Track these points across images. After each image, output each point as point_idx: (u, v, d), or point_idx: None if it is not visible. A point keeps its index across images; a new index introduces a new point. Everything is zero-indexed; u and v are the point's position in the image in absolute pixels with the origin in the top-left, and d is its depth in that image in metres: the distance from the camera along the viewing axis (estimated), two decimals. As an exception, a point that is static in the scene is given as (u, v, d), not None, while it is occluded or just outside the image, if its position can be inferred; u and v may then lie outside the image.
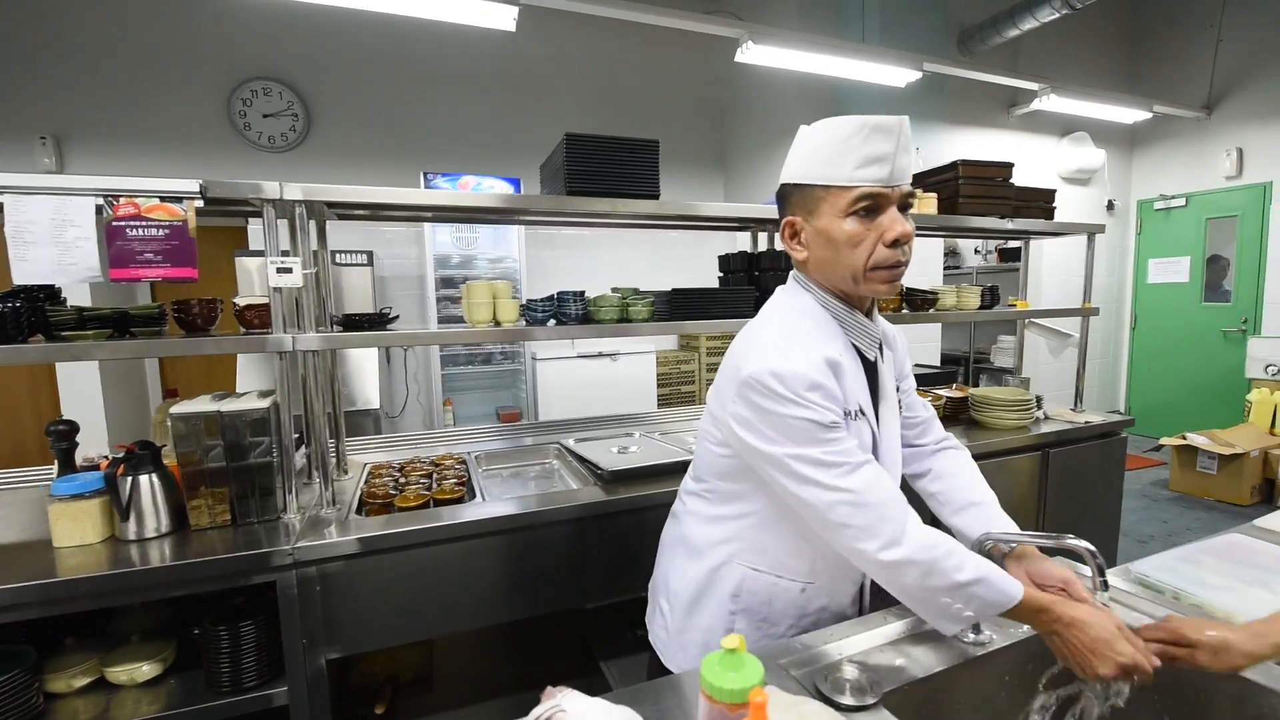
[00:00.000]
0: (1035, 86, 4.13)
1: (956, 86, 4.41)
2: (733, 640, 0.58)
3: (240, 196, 1.42)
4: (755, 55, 3.13)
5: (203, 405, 1.50)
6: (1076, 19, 4.89)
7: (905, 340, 1.22)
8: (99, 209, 1.31)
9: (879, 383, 1.04)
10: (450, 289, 4.26)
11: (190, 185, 1.36)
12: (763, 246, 2.20)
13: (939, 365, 4.25)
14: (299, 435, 1.67)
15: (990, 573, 0.87)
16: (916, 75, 3.55)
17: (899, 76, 3.57)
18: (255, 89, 4.21)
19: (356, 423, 3.67)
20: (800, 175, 0.96)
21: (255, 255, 3.31)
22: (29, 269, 1.26)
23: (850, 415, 0.95)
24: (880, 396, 1.04)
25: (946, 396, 2.47)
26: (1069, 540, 0.87)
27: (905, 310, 2.27)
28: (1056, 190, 2.50)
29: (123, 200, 1.32)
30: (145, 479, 1.46)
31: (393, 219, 2.01)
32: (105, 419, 3.77)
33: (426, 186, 3.85)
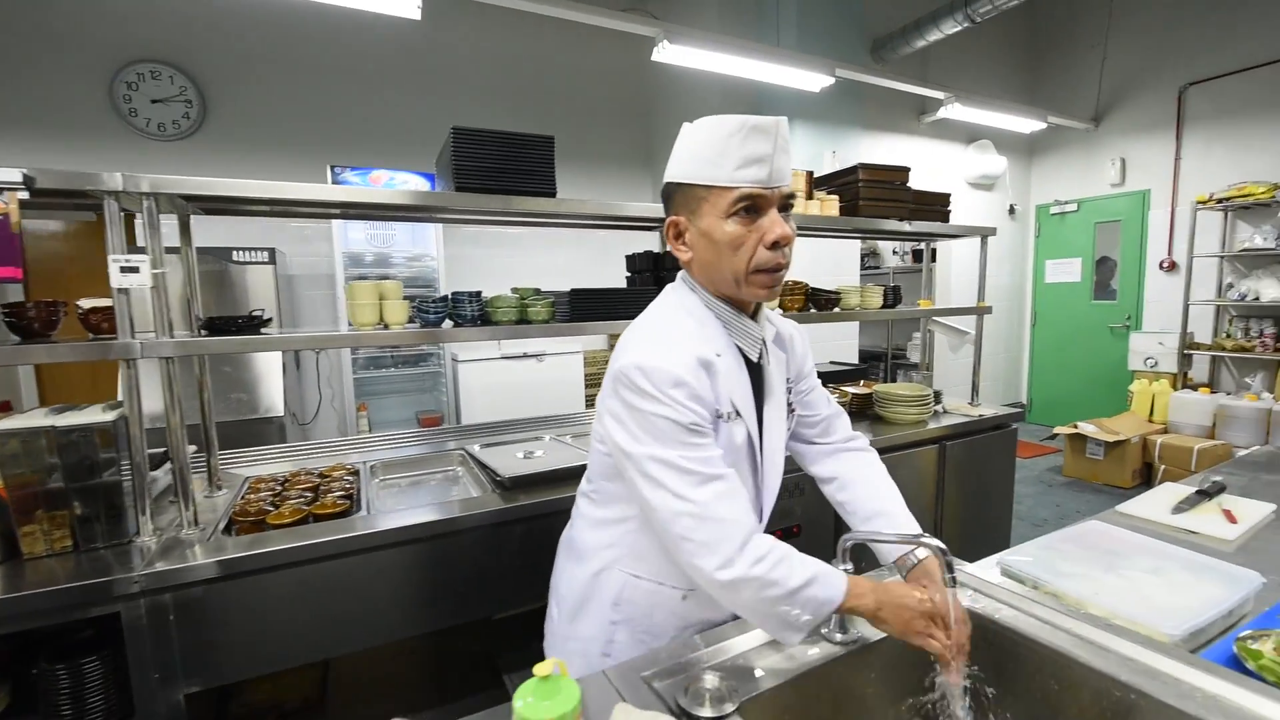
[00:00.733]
0: (941, 95, 4.33)
1: (871, 93, 4.57)
2: (546, 666, 0.54)
3: (76, 188, 1.28)
4: (671, 55, 3.13)
5: (35, 420, 1.34)
6: (980, 34, 5.18)
7: (806, 339, 1.22)
8: (-106, 199, 1.14)
9: (764, 384, 1.04)
10: (364, 289, 4.06)
11: (11, 174, 1.21)
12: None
13: (857, 363, 4.39)
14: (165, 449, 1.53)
15: (819, 571, 0.88)
16: (830, 81, 3.65)
17: (813, 81, 3.66)
18: (142, 72, 3.88)
19: (259, 431, 3.44)
20: (682, 175, 0.94)
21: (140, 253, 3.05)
22: None
23: (723, 416, 0.94)
24: (765, 398, 1.04)
25: (853, 393, 2.54)
26: (924, 538, 0.89)
27: (811, 310, 2.31)
28: (952, 194, 2.61)
29: (-76, 189, 1.16)
30: None
31: (297, 215, 1.87)
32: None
33: (334, 181, 3.64)
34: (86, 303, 1.43)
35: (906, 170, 2.42)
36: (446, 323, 1.72)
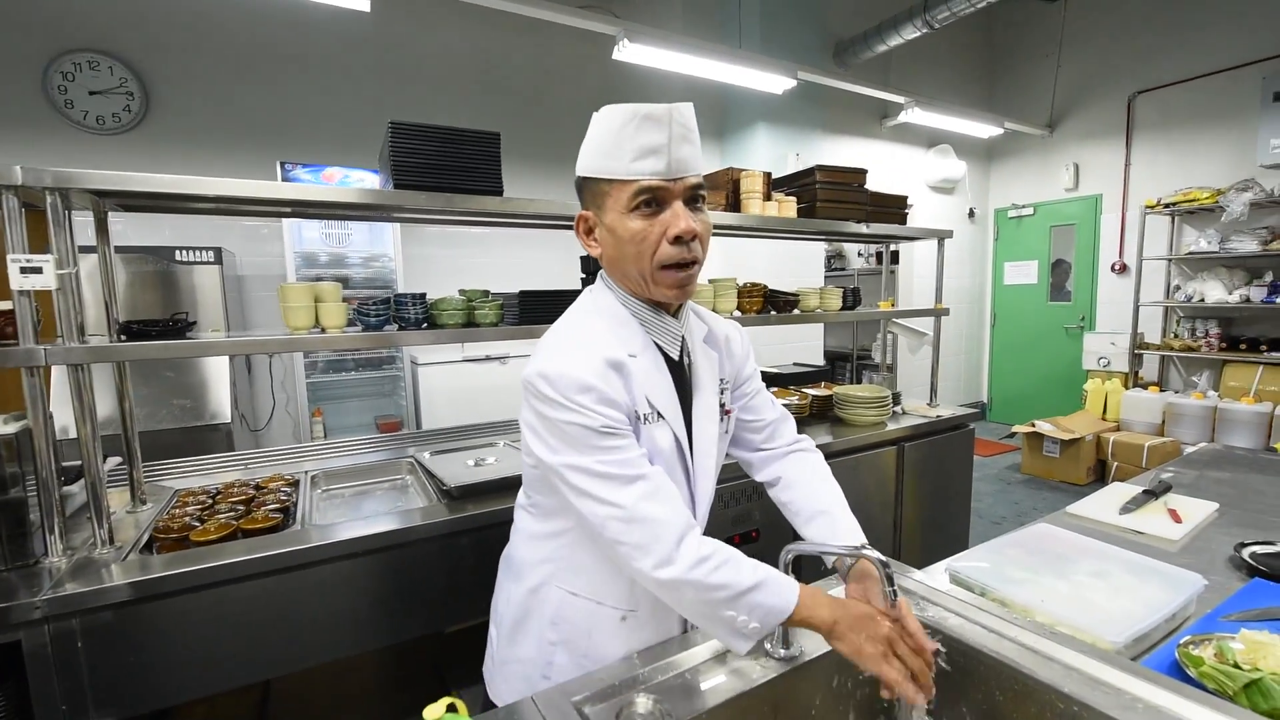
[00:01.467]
0: (902, 100, 4.38)
1: (834, 96, 4.60)
2: (438, 709, 0.49)
3: (-31, 180, 1.17)
4: (632, 54, 3.09)
5: (-76, 433, 1.24)
6: (940, 40, 5.27)
7: (747, 342, 1.19)
8: None
9: (690, 383, 1.00)
10: (318, 290, 3.93)
11: (-111, 164, 1.10)
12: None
13: (821, 364, 4.41)
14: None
15: (769, 577, 0.84)
16: (792, 83, 3.65)
17: (776, 83, 3.66)
18: (79, 62, 3.68)
19: (204, 440, 3.30)
20: (585, 168, 0.92)
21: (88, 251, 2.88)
22: None
23: (641, 418, 0.91)
24: (693, 398, 1.00)
25: (814, 395, 2.53)
26: (865, 551, 0.86)
27: (771, 312, 2.30)
28: (908, 197, 2.63)
29: None
30: None
31: (241, 213, 1.78)
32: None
33: (284, 178, 3.51)
34: (-16, 306, 1.32)
35: (863, 172, 2.42)
36: (390, 326, 1.65)
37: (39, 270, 1.21)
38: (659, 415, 0.93)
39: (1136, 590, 1.06)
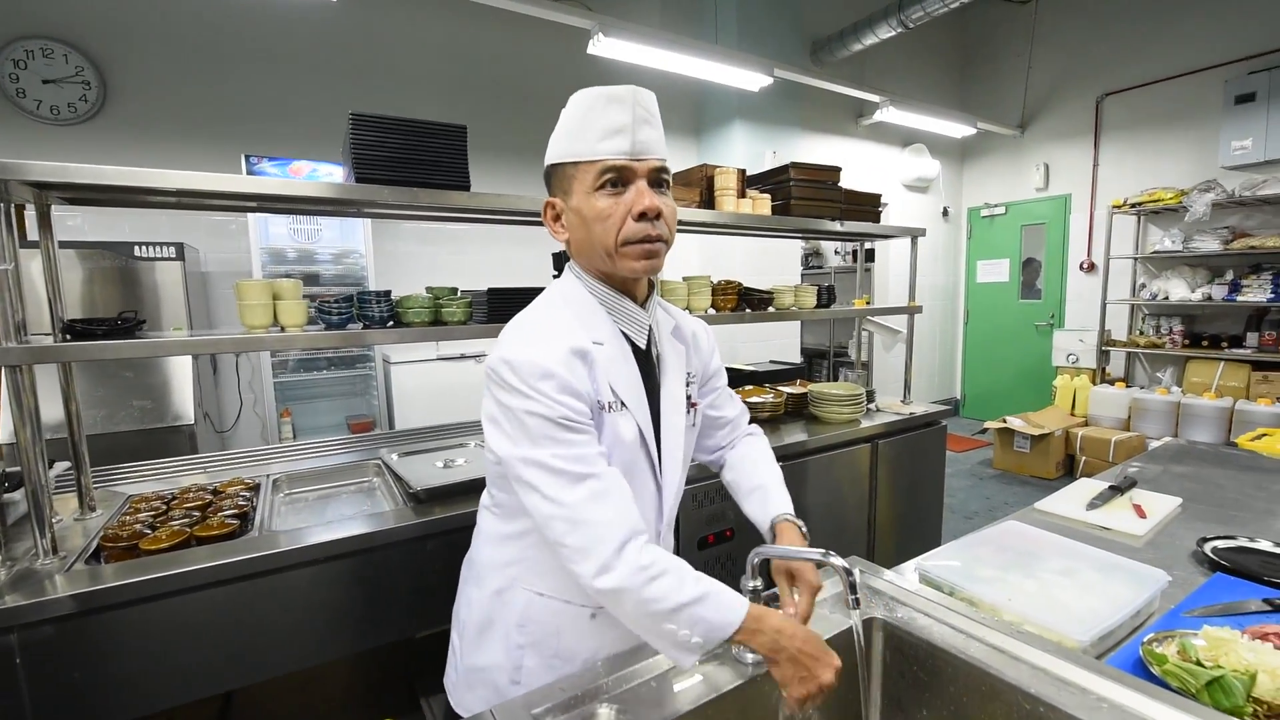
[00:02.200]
0: (877, 99, 4.41)
1: (810, 95, 4.62)
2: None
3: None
4: (607, 48, 3.06)
5: None
6: (915, 39, 5.31)
7: (713, 340, 1.19)
8: None
9: (658, 374, 1.00)
10: (286, 287, 3.83)
11: None
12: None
13: (798, 361, 4.43)
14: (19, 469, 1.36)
15: (714, 591, 0.82)
16: (768, 80, 3.65)
17: (752, 81, 3.65)
18: (31, 49, 3.53)
19: (167, 441, 3.19)
20: (553, 155, 0.94)
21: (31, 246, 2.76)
22: None
23: (605, 407, 0.90)
24: (661, 388, 1.00)
25: (789, 393, 2.53)
26: (832, 558, 0.85)
27: (746, 310, 2.29)
28: (882, 195, 2.64)
29: None
30: None
31: (202, 207, 1.71)
32: None
33: (249, 171, 3.41)
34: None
35: (837, 170, 2.42)
36: (355, 325, 1.60)
37: (-29, 266, 1.14)
38: (623, 404, 0.92)
39: (1102, 587, 1.07)
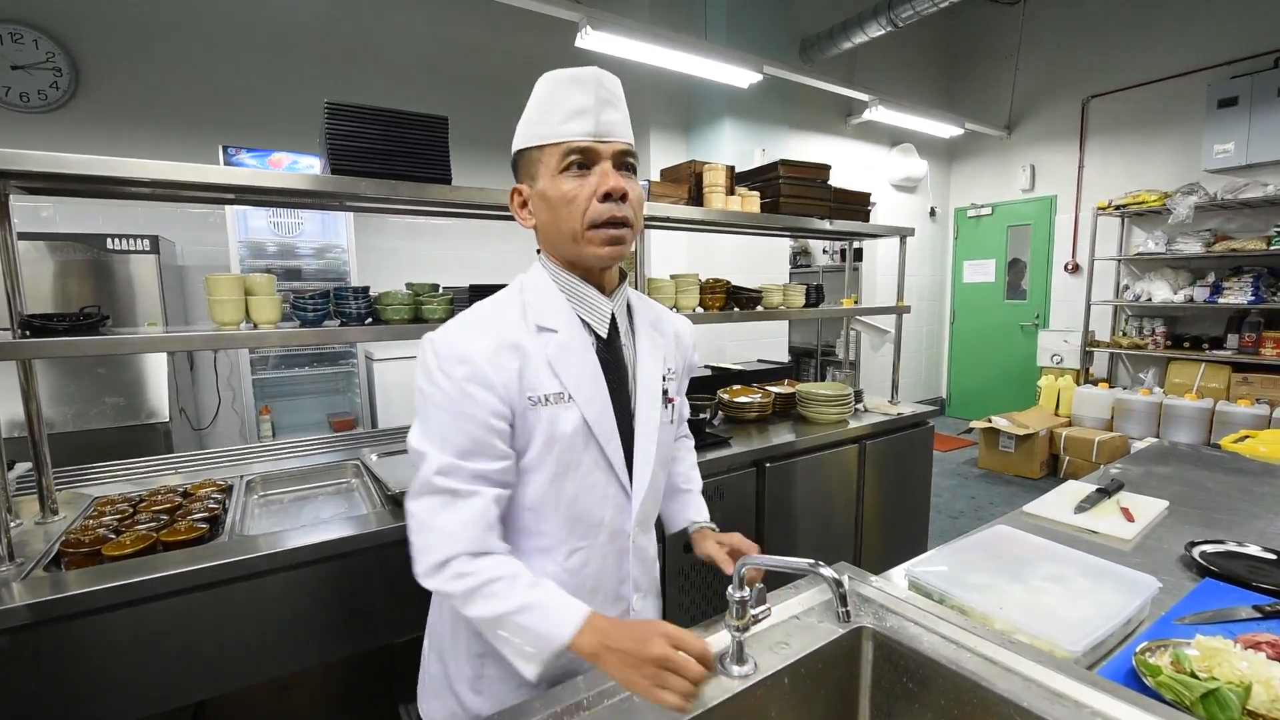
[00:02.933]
0: (866, 98, 4.40)
1: (800, 93, 4.60)
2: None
3: None
4: (595, 42, 3.01)
5: None
6: (904, 40, 5.32)
7: (692, 340, 1.16)
8: None
9: (623, 365, 0.96)
10: (266, 282, 3.74)
11: None
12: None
13: (786, 360, 4.41)
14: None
15: (541, 601, 0.79)
16: (757, 77, 3.62)
17: (742, 77, 3.62)
18: (0, 34, 3.41)
19: (140, 440, 3.11)
20: (519, 141, 0.93)
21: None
22: None
23: (541, 400, 0.87)
24: (634, 380, 0.97)
25: (777, 393, 2.50)
26: (821, 569, 0.82)
27: (734, 309, 2.26)
28: (871, 194, 2.62)
29: None
30: None
31: (176, 199, 1.64)
32: None
33: (227, 162, 3.32)
34: None
35: (827, 168, 2.40)
36: (331, 321, 1.55)
37: (-82, 258, 1.08)
38: (569, 397, 0.88)
39: (1093, 594, 1.05)
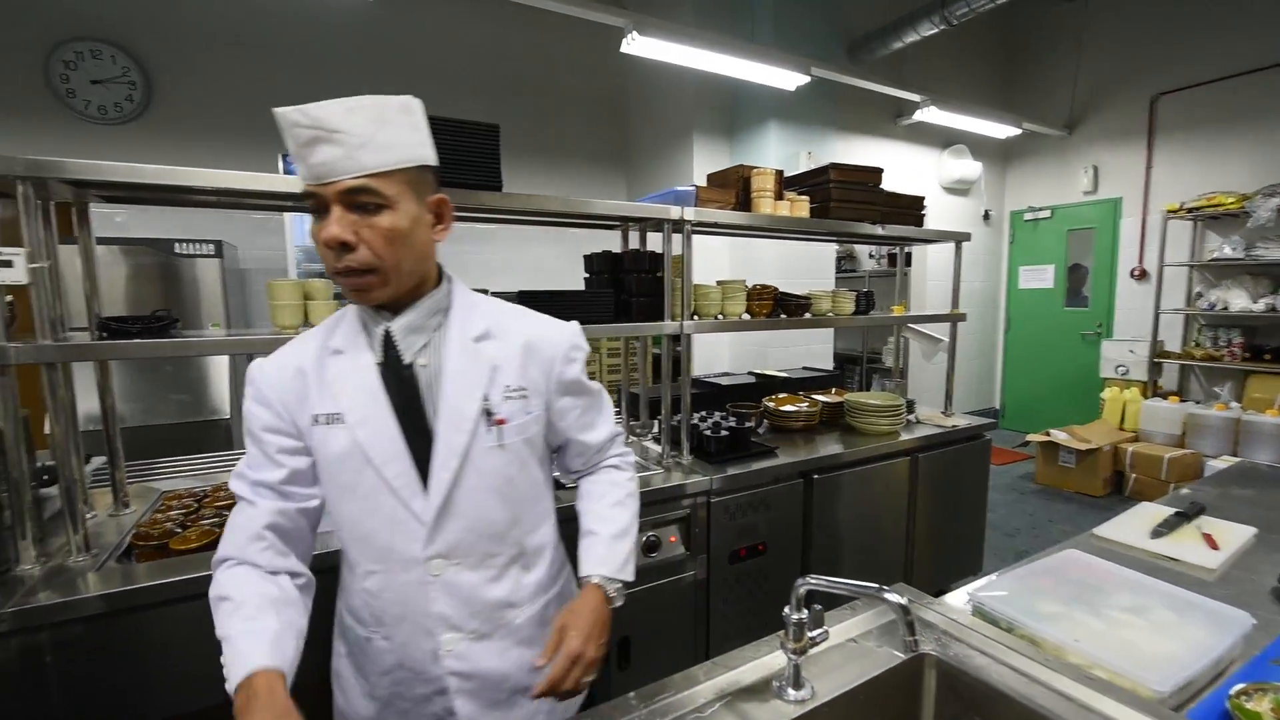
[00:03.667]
0: (917, 98, 4.27)
1: (848, 94, 4.50)
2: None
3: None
4: (641, 47, 3.01)
5: (-111, 434, 1.18)
6: (957, 37, 5.15)
7: (568, 348, 1.00)
8: None
9: (420, 385, 0.90)
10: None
11: None
12: (634, 244, 2.07)
13: (831, 368, 4.31)
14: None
15: (233, 638, 0.77)
16: (805, 79, 3.56)
17: (789, 80, 3.56)
18: (80, 51, 3.64)
19: (203, 435, 3.25)
20: None
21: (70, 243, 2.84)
22: None
23: (318, 420, 0.89)
24: (432, 403, 0.90)
25: (824, 402, 2.44)
26: (887, 594, 0.78)
27: (781, 315, 2.21)
28: (925, 198, 2.53)
29: None
30: None
31: (241, 206, 1.73)
32: None
33: (285, 170, 3.44)
34: (-40, 300, 1.26)
35: (879, 171, 2.33)
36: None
37: (9, 264, 1.14)
38: (342, 418, 0.88)
39: (1179, 629, 0.98)
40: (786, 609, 0.84)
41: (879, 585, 0.80)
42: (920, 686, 0.96)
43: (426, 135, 0.88)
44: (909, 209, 2.42)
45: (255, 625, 0.78)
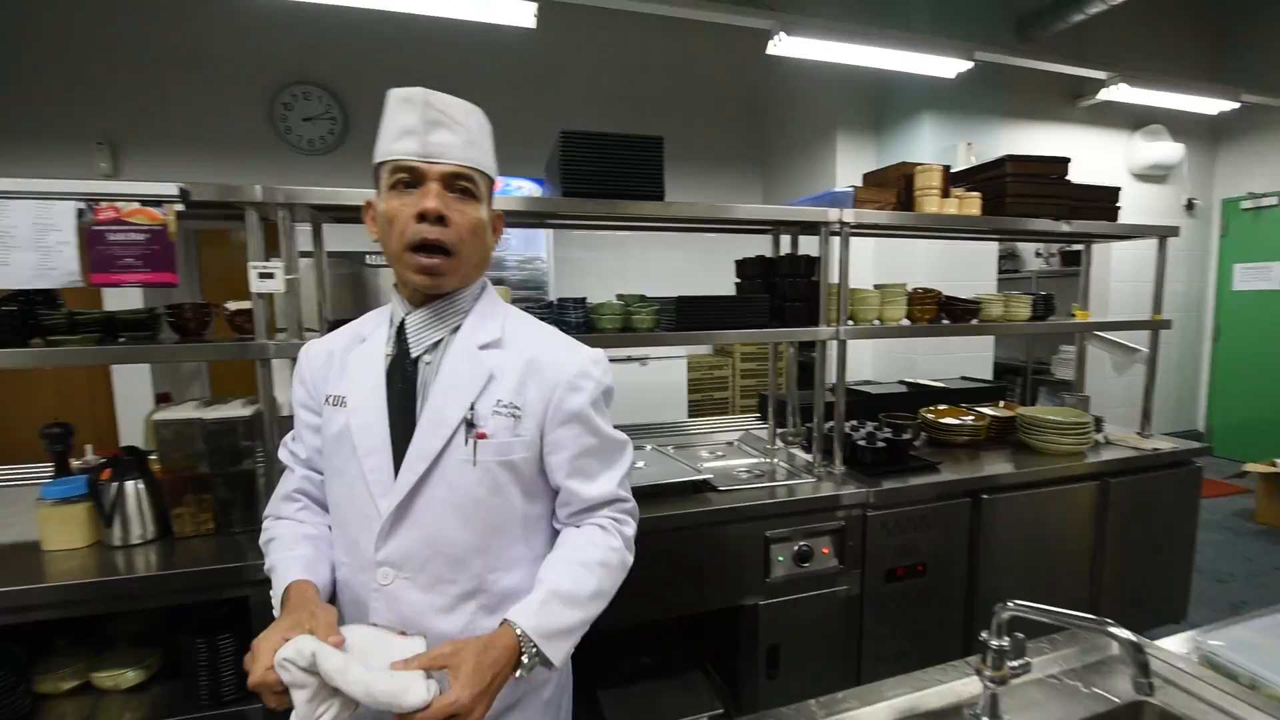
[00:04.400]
0: (1103, 75, 3.79)
1: (1014, 77, 4.09)
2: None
3: (224, 200, 1.38)
4: (788, 48, 2.96)
5: (186, 412, 1.47)
6: (1152, 5, 4.49)
7: (574, 374, 0.91)
8: (80, 212, 1.28)
9: (410, 379, 0.89)
10: (479, 291, 4.25)
11: (169, 188, 1.32)
12: (784, 250, 2.05)
13: (991, 379, 3.94)
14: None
15: (276, 566, 0.89)
16: (968, 65, 3.29)
17: (948, 67, 3.32)
18: (296, 93, 4.30)
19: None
20: (375, 156, 0.91)
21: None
22: (10, 274, 1.25)
23: (329, 400, 0.94)
24: (424, 400, 0.87)
25: (992, 416, 2.24)
26: (1111, 627, 0.71)
27: (945, 321, 2.07)
28: (1121, 189, 2.24)
29: (104, 204, 1.29)
30: (130, 485, 1.44)
31: None
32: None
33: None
34: (232, 305, 1.55)
35: (1064, 162, 2.10)
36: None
37: (271, 275, 1.39)
38: (344, 401, 0.91)
39: None
40: (985, 633, 0.79)
41: (1101, 619, 0.72)
42: (1141, 739, 0.86)
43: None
44: (1101, 202, 2.15)
45: (293, 553, 0.90)
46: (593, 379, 0.92)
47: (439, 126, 0.85)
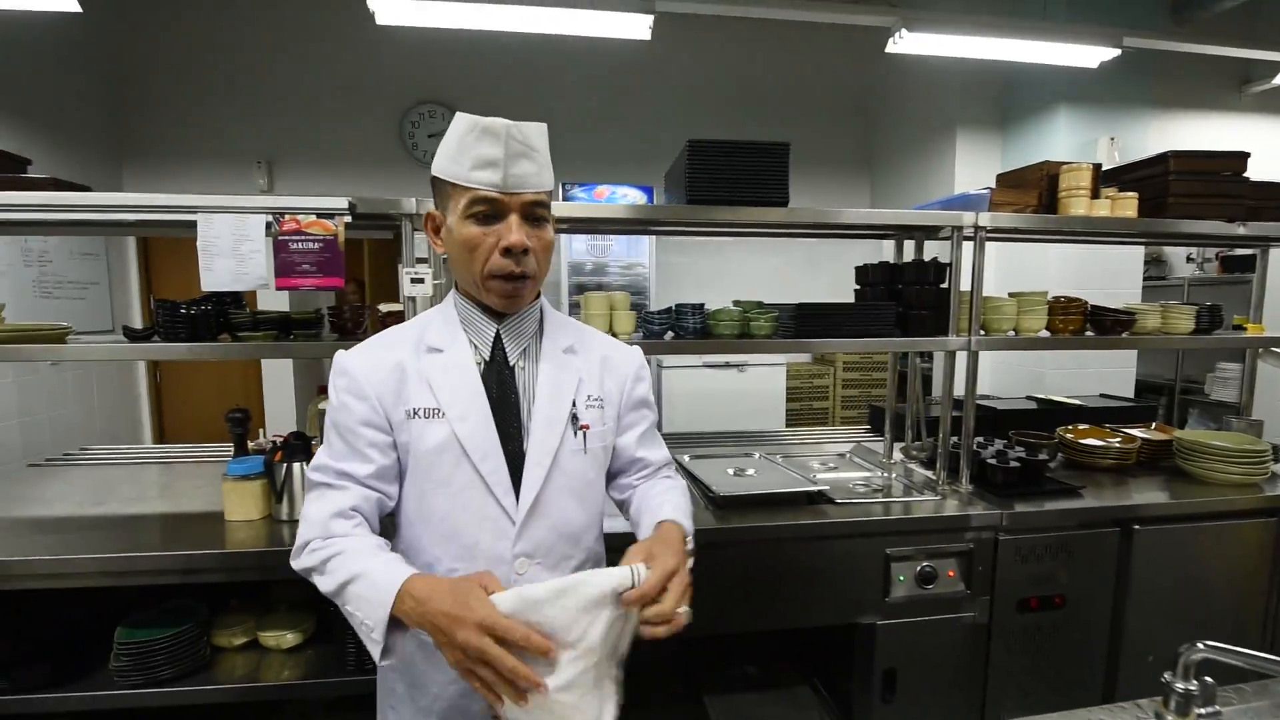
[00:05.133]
0: (1278, 57, 3.33)
1: (1166, 63, 3.69)
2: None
3: (382, 212, 1.52)
4: (910, 45, 2.84)
5: (344, 403, 1.63)
6: (1347, -31, 3.90)
7: (639, 367, 1.09)
8: (268, 225, 1.46)
9: (519, 387, 0.96)
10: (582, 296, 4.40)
11: (340, 202, 1.48)
12: (908, 256, 1.96)
13: (1133, 398, 3.56)
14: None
15: (371, 569, 0.80)
16: (1114, 53, 3.01)
17: (1090, 56, 3.05)
18: (422, 112, 4.65)
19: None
20: (436, 168, 0.93)
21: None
22: (214, 278, 1.45)
23: (413, 414, 0.92)
24: (527, 404, 0.96)
25: (1143, 439, 2.04)
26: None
27: (1090, 334, 1.90)
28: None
29: (287, 217, 1.47)
30: (298, 466, 1.62)
31: None
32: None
33: (564, 198, 3.98)
34: (384, 307, 1.71)
35: (1242, 157, 1.87)
36: (668, 334, 1.74)
37: (421, 280, 1.52)
38: (441, 413, 0.91)
39: None
40: (1168, 674, 0.73)
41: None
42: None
43: None
44: (1283, 201, 1.90)
45: (380, 559, 0.82)
46: (646, 370, 1.11)
47: (521, 159, 0.88)
